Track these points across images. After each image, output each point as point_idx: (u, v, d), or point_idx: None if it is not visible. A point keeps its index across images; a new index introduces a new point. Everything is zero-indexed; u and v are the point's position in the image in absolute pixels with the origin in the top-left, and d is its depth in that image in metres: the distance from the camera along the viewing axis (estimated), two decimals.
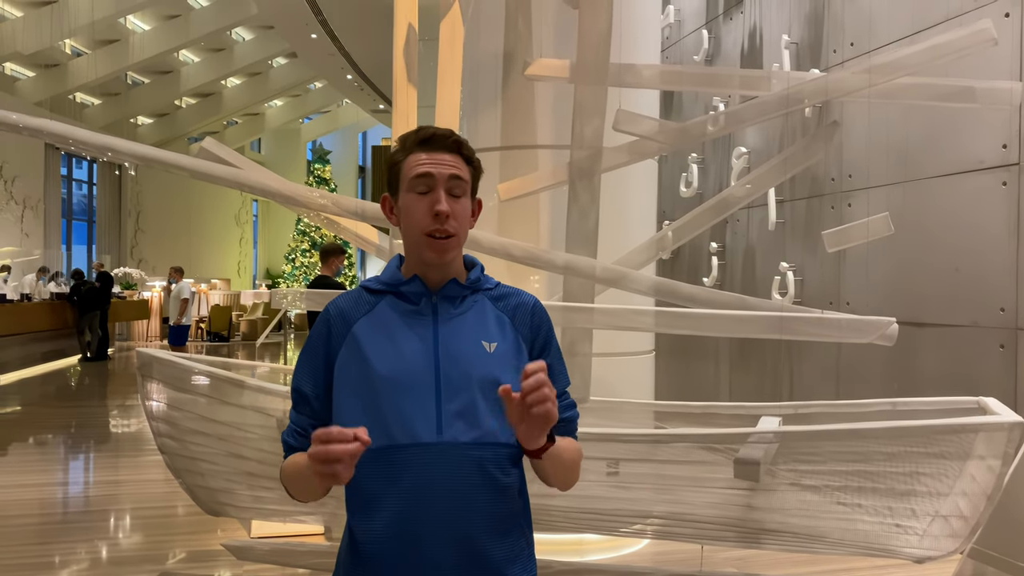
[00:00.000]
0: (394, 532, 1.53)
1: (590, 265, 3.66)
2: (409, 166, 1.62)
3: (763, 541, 3.14)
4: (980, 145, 4.90)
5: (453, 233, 1.60)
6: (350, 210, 3.78)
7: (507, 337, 1.65)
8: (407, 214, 1.62)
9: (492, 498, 1.56)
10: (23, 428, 9.13)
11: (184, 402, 3.42)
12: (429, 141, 1.62)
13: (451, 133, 1.65)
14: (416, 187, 1.61)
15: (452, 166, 1.61)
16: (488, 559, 1.55)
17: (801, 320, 3.40)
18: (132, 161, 3.60)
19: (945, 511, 2.81)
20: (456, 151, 1.64)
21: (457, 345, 1.59)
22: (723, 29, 7.68)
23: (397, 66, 4.30)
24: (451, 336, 1.60)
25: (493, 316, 1.66)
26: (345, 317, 1.64)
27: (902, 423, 2.84)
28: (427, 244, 1.60)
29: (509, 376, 1.57)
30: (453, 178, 1.61)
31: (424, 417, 1.54)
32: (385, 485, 1.53)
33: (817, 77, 3.92)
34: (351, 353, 1.61)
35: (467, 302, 1.66)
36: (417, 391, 1.55)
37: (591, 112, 3.62)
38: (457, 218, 1.61)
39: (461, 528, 1.53)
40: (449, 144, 1.63)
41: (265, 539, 4.53)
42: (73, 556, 4.82)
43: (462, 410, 1.55)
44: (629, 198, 5.03)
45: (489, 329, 1.64)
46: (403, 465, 1.53)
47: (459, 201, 1.62)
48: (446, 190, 1.60)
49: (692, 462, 3.06)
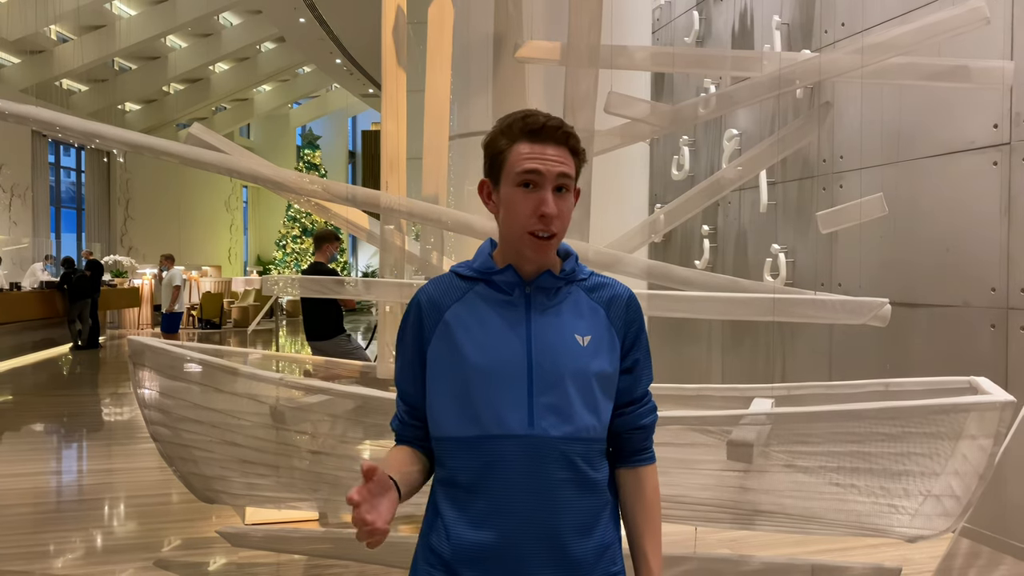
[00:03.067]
0: (484, 522, 1.53)
1: (582, 249, 3.66)
2: (515, 158, 1.56)
3: (757, 522, 3.15)
4: (971, 125, 4.90)
5: (556, 232, 1.56)
6: (341, 196, 3.76)
7: (600, 329, 1.61)
8: (510, 208, 1.57)
9: (580, 494, 1.55)
10: (15, 417, 9.10)
11: (177, 390, 3.41)
12: (538, 133, 1.56)
13: (560, 123, 1.58)
14: (521, 182, 1.55)
15: (560, 162, 1.55)
16: (573, 556, 1.54)
17: (795, 302, 3.41)
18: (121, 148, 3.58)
19: (937, 491, 2.82)
20: (564, 143, 1.57)
21: (551, 337, 1.57)
22: (714, 10, 7.65)
23: (386, 50, 4.27)
24: (545, 328, 1.57)
25: (587, 307, 1.62)
26: (436, 304, 1.62)
27: (895, 403, 2.85)
28: (529, 242, 1.56)
29: (602, 368, 1.57)
30: (561, 176, 1.55)
31: (516, 409, 1.52)
32: (475, 475, 1.54)
33: (809, 58, 3.91)
34: (443, 342, 1.59)
35: (561, 293, 1.62)
36: (510, 383, 1.54)
37: (583, 95, 3.60)
38: (562, 217, 1.56)
39: (548, 523, 1.52)
40: (558, 136, 1.56)
41: (259, 526, 4.53)
42: (67, 545, 4.81)
43: (554, 404, 1.54)
44: (621, 181, 5.02)
45: (583, 321, 1.60)
46: (492, 455, 1.53)
47: (564, 197, 1.57)
48: (553, 188, 1.55)
49: (685, 444, 3.07)
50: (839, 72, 3.81)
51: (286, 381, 3.28)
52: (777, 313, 3.26)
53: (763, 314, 3.33)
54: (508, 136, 1.59)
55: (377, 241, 4.33)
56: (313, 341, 6.71)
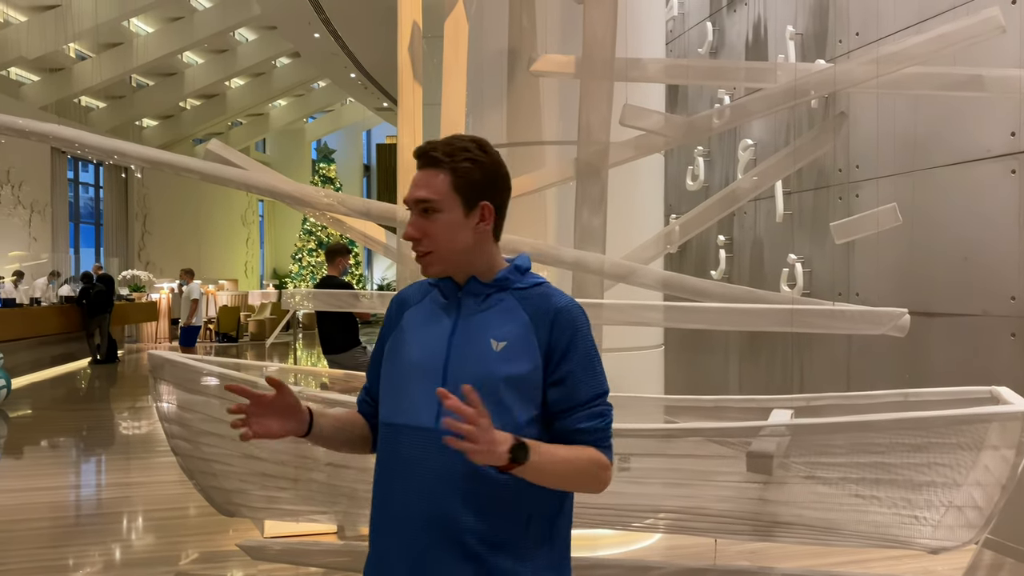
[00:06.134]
0: (391, 500, 1.68)
1: (599, 261, 3.66)
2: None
3: (776, 534, 3.14)
4: (987, 134, 4.88)
5: (428, 251, 1.68)
6: (357, 209, 3.79)
7: (519, 335, 1.66)
8: None
9: (482, 489, 1.61)
10: (35, 431, 9.17)
11: (197, 403, 3.43)
12: (417, 159, 1.71)
13: (432, 147, 1.68)
14: (406, 208, 1.73)
15: (420, 187, 1.68)
16: (464, 543, 1.61)
17: (813, 312, 3.40)
18: (142, 165, 3.61)
19: (959, 502, 2.80)
20: (432, 166, 1.68)
21: (468, 340, 1.67)
22: (727, 21, 7.66)
23: (402, 64, 4.30)
24: (466, 331, 1.68)
25: (513, 314, 1.68)
26: (403, 304, 1.81)
27: (915, 414, 2.84)
28: (416, 259, 1.72)
29: (513, 372, 1.63)
30: (418, 201, 1.67)
31: (427, 404, 1.64)
32: (389, 458, 1.70)
33: (824, 68, 3.91)
34: (396, 336, 1.77)
35: (492, 299, 1.70)
36: (428, 380, 1.66)
37: (598, 107, 3.61)
38: (430, 235, 1.67)
39: (444, 511, 1.62)
40: (424, 160, 1.69)
41: (278, 539, 4.54)
42: (87, 558, 4.84)
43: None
44: (636, 193, 5.02)
45: (504, 327, 1.66)
46: (402, 443, 1.67)
47: (434, 217, 1.67)
48: (417, 213, 1.68)
49: (704, 456, 3.06)
50: (854, 83, 3.81)
51: (304, 394, 3.30)
52: (796, 324, 3.25)
53: (781, 325, 3.32)
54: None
55: (393, 254, 4.35)
56: (329, 354, 6.74)
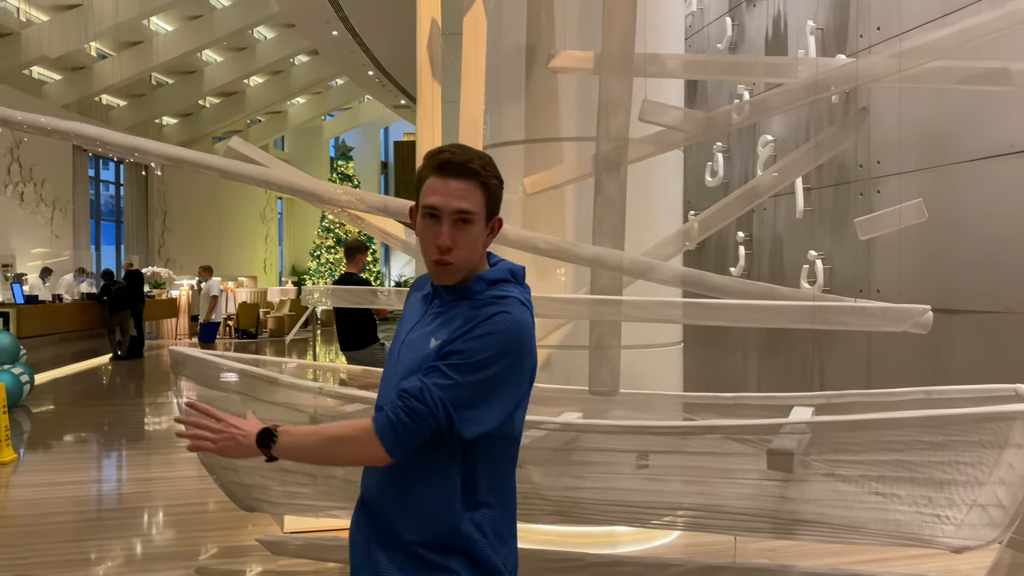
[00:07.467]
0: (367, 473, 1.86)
1: (617, 257, 3.65)
2: (425, 190, 1.72)
3: (797, 532, 3.11)
4: (1012, 128, 4.82)
5: (452, 261, 1.71)
6: (375, 206, 3.79)
7: (447, 339, 1.72)
8: (419, 235, 1.76)
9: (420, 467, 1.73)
10: (57, 427, 9.26)
11: (217, 399, 3.45)
12: (444, 168, 1.70)
13: (469, 159, 1.69)
14: (426, 213, 1.72)
15: (461, 197, 1.69)
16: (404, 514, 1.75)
17: (835, 309, 3.37)
18: (162, 162, 3.64)
19: (983, 500, 2.77)
20: (471, 177, 1.69)
21: (418, 338, 1.78)
22: (746, 16, 7.61)
23: (421, 62, 4.31)
24: (420, 329, 1.80)
25: (458, 319, 1.73)
26: (412, 292, 1.97)
27: (939, 412, 2.81)
28: (432, 268, 1.75)
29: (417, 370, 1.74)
30: (458, 212, 1.69)
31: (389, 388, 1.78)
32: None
33: (846, 63, 3.87)
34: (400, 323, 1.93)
35: (454, 303, 1.77)
36: (393, 367, 1.82)
37: (617, 103, 3.60)
38: (460, 247, 1.71)
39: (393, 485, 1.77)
40: (463, 171, 1.69)
41: (298, 534, 4.56)
42: (108, 552, 4.88)
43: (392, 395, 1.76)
44: (655, 189, 5.00)
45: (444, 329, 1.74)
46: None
47: (465, 229, 1.70)
48: (451, 223, 1.69)
49: (724, 453, 3.05)
50: (876, 77, 3.77)
51: (325, 391, 3.31)
52: (817, 321, 3.23)
53: (803, 322, 3.30)
54: (426, 168, 1.74)
55: (412, 250, 4.35)
56: (347, 351, 6.76)
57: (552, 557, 3.54)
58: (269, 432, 1.72)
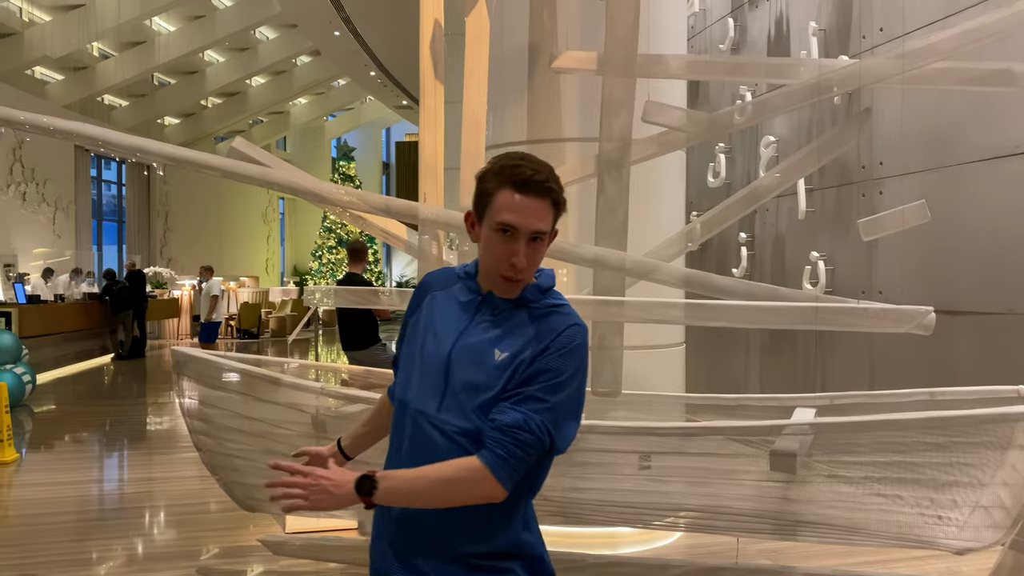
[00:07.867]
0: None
1: (620, 258, 3.65)
2: (498, 204, 1.69)
3: (799, 533, 3.11)
4: (1016, 129, 4.81)
5: (524, 280, 1.73)
6: (378, 206, 3.80)
7: (521, 350, 1.71)
8: (488, 248, 1.72)
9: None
10: (59, 426, 9.27)
11: (219, 399, 3.45)
12: (523, 185, 1.67)
13: (547, 177, 1.68)
14: (500, 228, 1.69)
15: (539, 218, 1.68)
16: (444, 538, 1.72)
17: (837, 310, 3.36)
18: (164, 162, 3.64)
19: (986, 501, 2.76)
20: (546, 196, 1.68)
21: (473, 347, 1.73)
22: (749, 17, 7.61)
23: (424, 63, 4.31)
24: (474, 336, 1.74)
25: (523, 330, 1.73)
26: (425, 290, 1.88)
27: (941, 413, 2.80)
28: (500, 282, 1.73)
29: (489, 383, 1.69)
30: (536, 232, 1.68)
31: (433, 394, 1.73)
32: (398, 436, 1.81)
33: (849, 64, 3.87)
34: (417, 319, 1.84)
35: (507, 313, 1.76)
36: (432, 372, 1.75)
37: (620, 104, 3.60)
38: (532, 265, 1.72)
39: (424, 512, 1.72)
40: (542, 190, 1.68)
41: (299, 534, 4.56)
42: (109, 552, 4.88)
43: (459, 401, 1.71)
44: (657, 190, 5.00)
45: (508, 339, 1.72)
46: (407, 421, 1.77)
47: (536, 247, 1.71)
48: (524, 242, 1.68)
49: (725, 455, 3.04)
50: (878, 79, 3.76)
51: (327, 391, 3.31)
52: (820, 322, 3.22)
53: (805, 323, 3.29)
54: (498, 179, 1.70)
55: (415, 251, 4.35)
56: (349, 351, 6.77)
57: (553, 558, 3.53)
58: (369, 479, 1.66)
